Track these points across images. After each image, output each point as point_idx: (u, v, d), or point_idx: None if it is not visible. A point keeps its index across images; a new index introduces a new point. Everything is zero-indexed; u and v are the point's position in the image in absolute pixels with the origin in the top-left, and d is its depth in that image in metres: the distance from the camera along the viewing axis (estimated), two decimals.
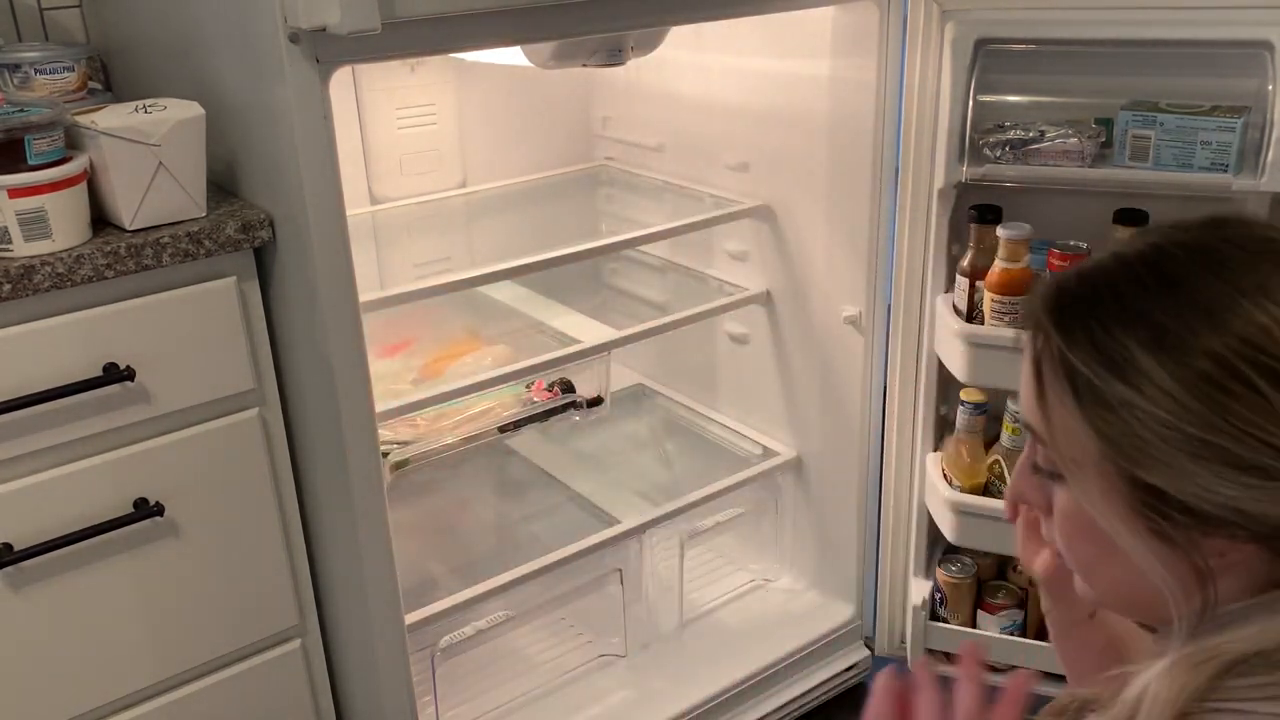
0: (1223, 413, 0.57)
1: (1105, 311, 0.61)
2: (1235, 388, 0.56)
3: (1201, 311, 0.58)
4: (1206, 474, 0.58)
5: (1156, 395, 0.58)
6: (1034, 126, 1.44)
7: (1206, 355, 0.57)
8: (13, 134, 1.01)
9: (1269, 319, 0.57)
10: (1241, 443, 0.57)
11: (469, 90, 1.79)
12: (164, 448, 1.13)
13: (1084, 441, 0.62)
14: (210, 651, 1.23)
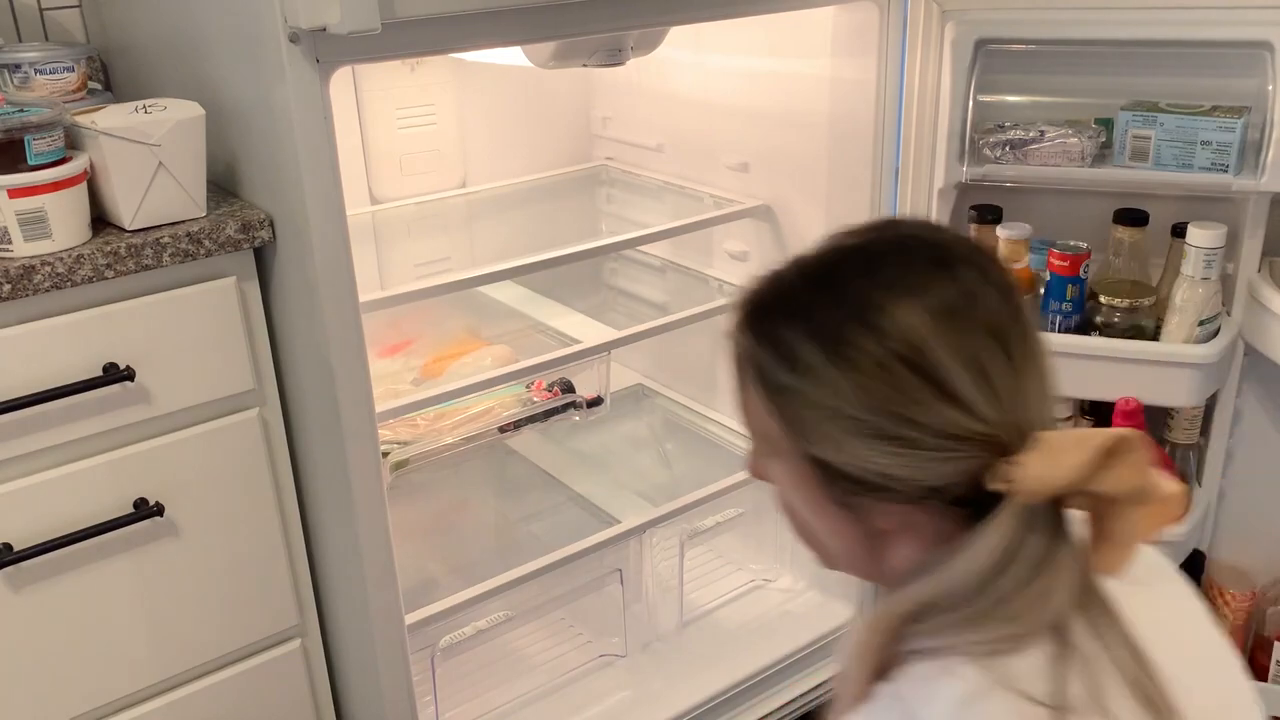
0: (869, 394, 0.66)
1: (779, 311, 0.72)
2: (879, 373, 0.66)
3: (851, 308, 0.67)
4: (861, 447, 0.67)
5: (817, 382, 0.68)
6: (1034, 126, 1.44)
7: (854, 346, 0.66)
8: (13, 134, 1.01)
9: (907, 312, 0.66)
10: (885, 418, 0.66)
11: (469, 90, 1.79)
12: (164, 448, 1.13)
13: (772, 425, 0.71)
14: (210, 651, 1.23)
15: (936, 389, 0.65)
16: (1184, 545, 1.50)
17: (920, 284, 0.67)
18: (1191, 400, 1.45)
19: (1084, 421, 1.59)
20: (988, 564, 0.65)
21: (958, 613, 0.66)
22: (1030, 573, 0.65)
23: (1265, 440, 1.53)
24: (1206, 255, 1.38)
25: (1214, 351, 1.39)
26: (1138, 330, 1.43)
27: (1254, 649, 1.59)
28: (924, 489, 0.68)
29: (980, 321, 0.67)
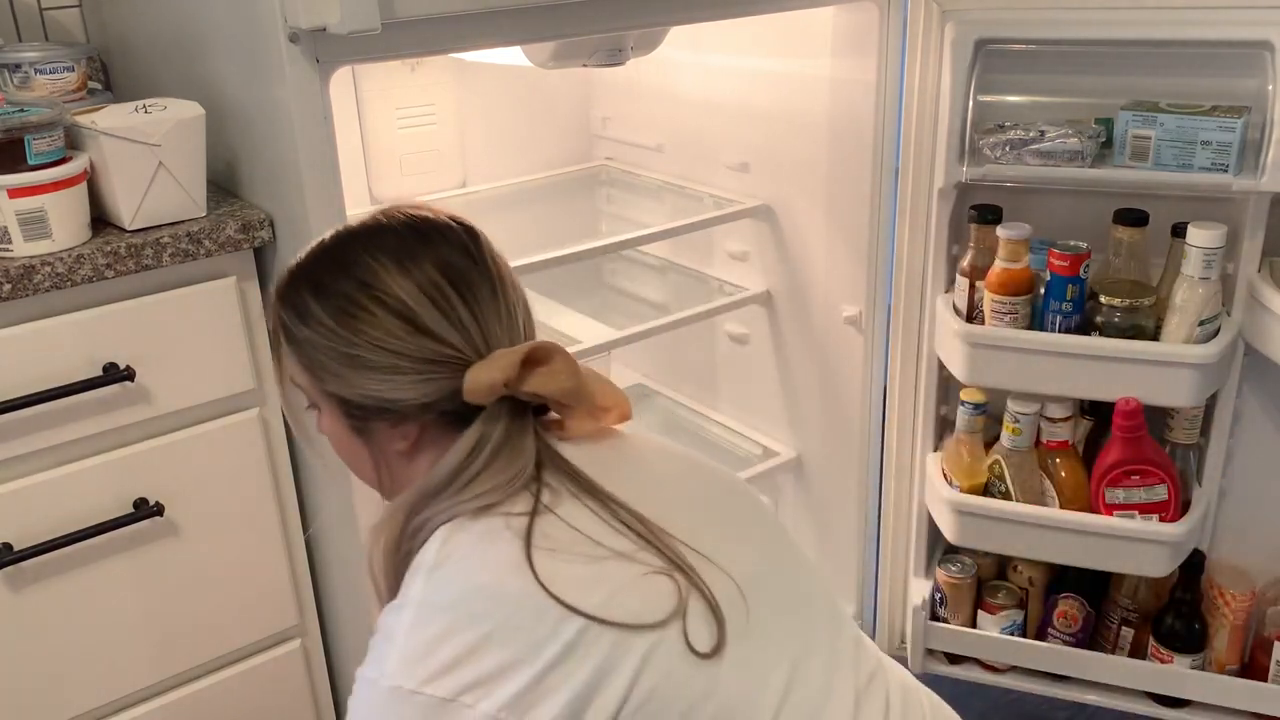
0: (359, 334, 0.81)
1: (298, 277, 0.86)
2: (362, 315, 0.81)
3: (340, 266, 0.84)
4: (361, 379, 0.82)
5: (319, 329, 0.83)
6: (1034, 126, 1.44)
7: (342, 295, 0.82)
8: (13, 134, 1.01)
9: (389, 274, 0.82)
10: (375, 353, 0.81)
11: (469, 90, 1.79)
12: (164, 448, 1.13)
13: (301, 375, 0.86)
14: (210, 651, 1.23)
15: (411, 326, 0.81)
16: (1184, 545, 1.50)
17: (402, 252, 0.84)
18: (1191, 400, 1.45)
19: (1084, 421, 1.59)
20: (459, 457, 0.81)
21: (442, 496, 0.81)
22: (493, 455, 0.81)
23: (1265, 440, 1.53)
24: (1206, 255, 1.38)
25: (1214, 351, 1.39)
26: (1138, 330, 1.43)
27: (1254, 649, 1.59)
28: (417, 407, 0.82)
29: (445, 274, 0.84)
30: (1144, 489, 1.47)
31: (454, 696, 0.72)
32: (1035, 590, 1.67)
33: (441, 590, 0.76)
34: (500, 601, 0.75)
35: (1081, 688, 1.64)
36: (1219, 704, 1.57)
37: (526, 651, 0.73)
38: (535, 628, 0.74)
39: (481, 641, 0.73)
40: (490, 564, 0.76)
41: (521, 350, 0.82)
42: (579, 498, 0.81)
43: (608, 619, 0.74)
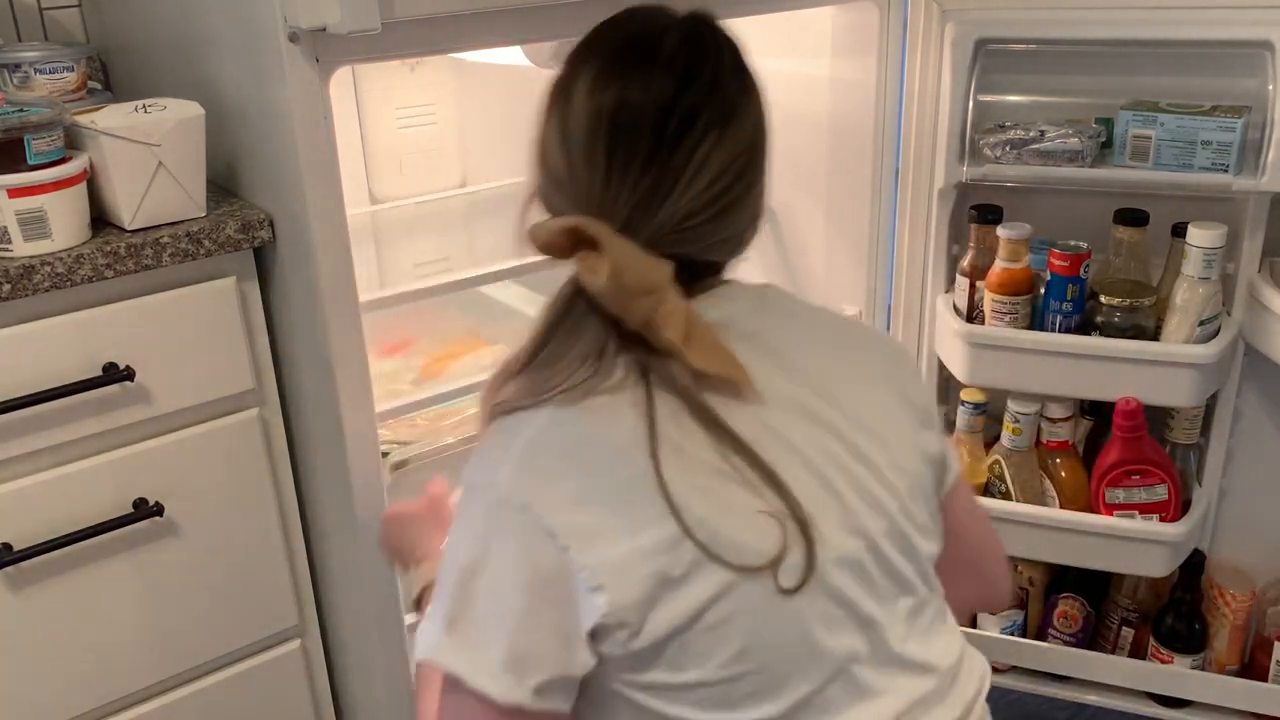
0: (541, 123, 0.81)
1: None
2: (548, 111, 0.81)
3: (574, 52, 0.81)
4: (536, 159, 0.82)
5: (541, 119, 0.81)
6: (1034, 126, 1.44)
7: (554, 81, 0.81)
8: (12, 134, 1.01)
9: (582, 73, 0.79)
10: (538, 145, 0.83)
11: (469, 90, 1.79)
12: (164, 448, 1.13)
13: None
14: (210, 651, 1.23)
15: (564, 145, 0.77)
16: (1184, 545, 1.50)
17: (606, 68, 0.77)
18: (1192, 400, 1.45)
19: (1084, 421, 1.59)
20: (540, 330, 0.79)
21: (524, 374, 0.78)
22: (554, 327, 0.78)
23: (1265, 440, 1.53)
24: (1206, 255, 1.38)
25: (1214, 351, 1.39)
26: (1138, 330, 1.43)
27: (1254, 649, 1.59)
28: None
29: (616, 116, 0.75)
30: (1144, 489, 1.47)
31: (555, 533, 0.71)
32: (1035, 590, 1.67)
33: (554, 435, 0.75)
34: (615, 467, 0.72)
35: (1081, 688, 1.64)
36: (1219, 704, 1.57)
37: (628, 527, 0.70)
38: (644, 509, 0.71)
39: (590, 494, 0.72)
40: (611, 428, 0.73)
41: (566, 223, 0.74)
42: (696, 421, 0.74)
43: (707, 544, 0.71)
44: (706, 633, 0.72)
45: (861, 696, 0.77)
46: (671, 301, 0.74)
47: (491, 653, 0.72)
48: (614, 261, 0.72)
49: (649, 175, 0.74)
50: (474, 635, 0.73)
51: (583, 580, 0.70)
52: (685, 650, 0.72)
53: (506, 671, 0.71)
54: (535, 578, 0.71)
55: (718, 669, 0.73)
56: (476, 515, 0.75)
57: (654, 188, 0.74)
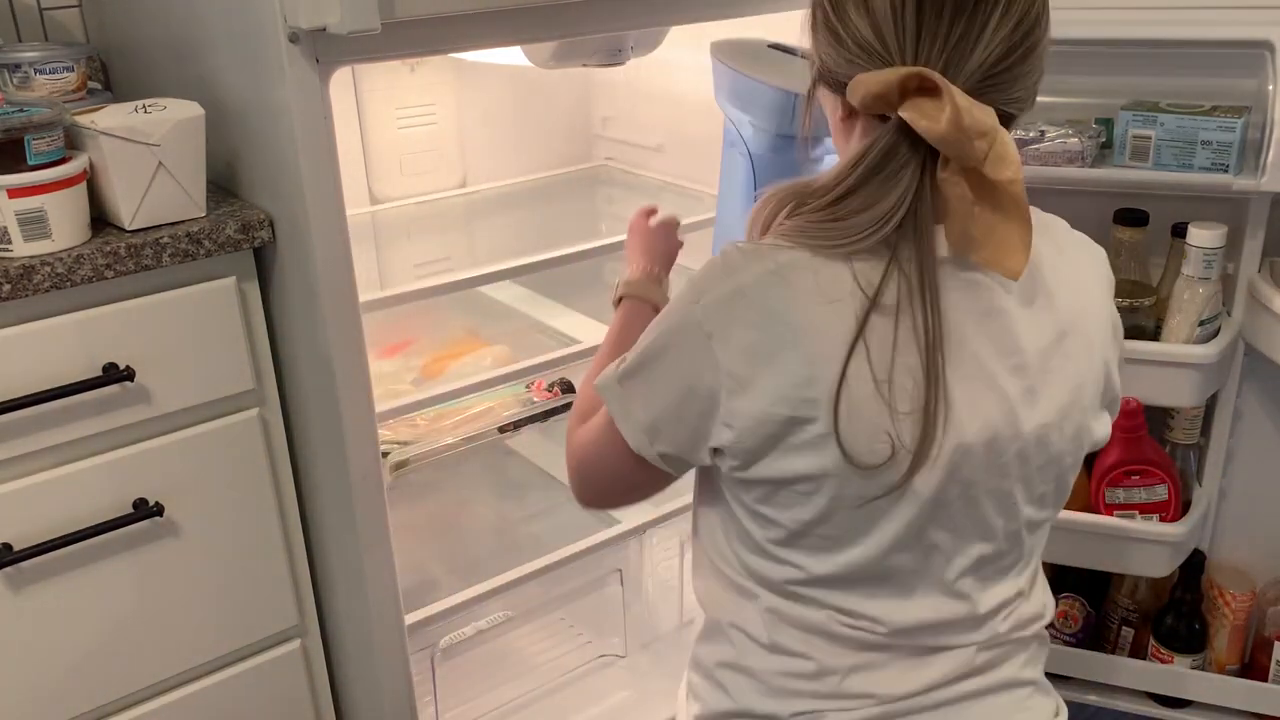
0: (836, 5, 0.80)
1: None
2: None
3: None
4: (825, 44, 0.82)
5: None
6: (1034, 126, 1.44)
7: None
8: (13, 134, 1.01)
9: None
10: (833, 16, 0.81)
11: (469, 90, 1.79)
12: (164, 448, 1.13)
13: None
14: (210, 651, 1.23)
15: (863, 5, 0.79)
16: (1184, 545, 1.50)
17: None
18: (1192, 400, 1.45)
19: None
20: (847, 162, 0.80)
21: (817, 201, 0.81)
22: (868, 172, 0.78)
23: (1265, 440, 1.53)
24: (1206, 255, 1.38)
25: (1214, 351, 1.39)
26: (1138, 330, 1.43)
27: (1254, 649, 1.59)
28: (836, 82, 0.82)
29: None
30: (1144, 489, 1.47)
31: (719, 366, 0.81)
32: None
33: (774, 291, 0.80)
34: (800, 351, 0.79)
35: (1081, 688, 1.64)
36: (1219, 704, 1.57)
37: (779, 395, 0.80)
38: (803, 392, 0.79)
39: (765, 357, 0.80)
40: (827, 317, 0.79)
41: (902, 71, 0.76)
42: (912, 309, 0.79)
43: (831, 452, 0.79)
44: (794, 494, 0.83)
45: (893, 595, 0.87)
46: (1003, 141, 0.77)
47: (641, 415, 0.87)
48: (955, 104, 0.74)
49: (960, 22, 0.77)
50: (635, 397, 0.87)
51: (721, 413, 0.82)
52: (773, 496, 0.84)
53: (644, 432, 0.87)
54: (691, 389, 0.83)
55: (791, 520, 0.84)
56: (677, 316, 0.84)
57: (964, 34, 0.77)
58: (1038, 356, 0.84)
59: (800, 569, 0.87)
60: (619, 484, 0.97)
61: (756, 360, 0.80)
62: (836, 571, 0.86)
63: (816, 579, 0.87)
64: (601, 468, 0.96)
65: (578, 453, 0.98)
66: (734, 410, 0.82)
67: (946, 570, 0.87)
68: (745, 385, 0.81)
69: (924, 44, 0.77)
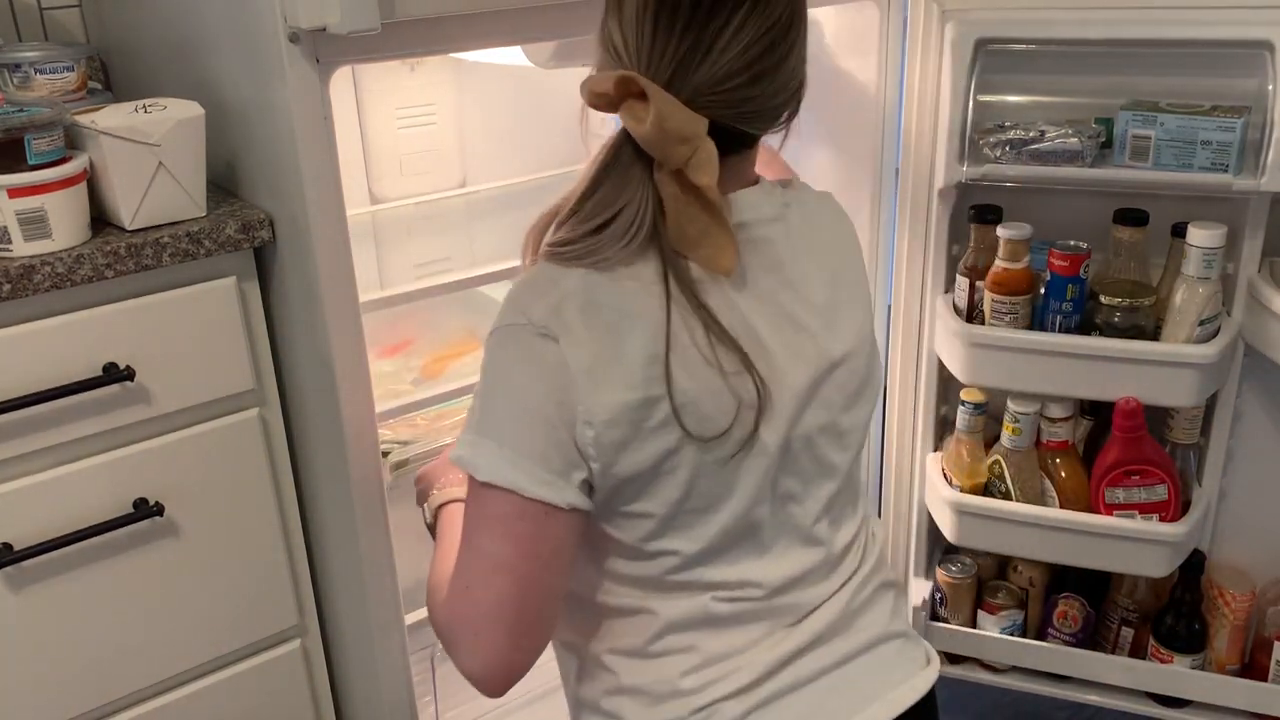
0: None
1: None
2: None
3: None
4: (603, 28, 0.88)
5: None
6: (1034, 126, 1.44)
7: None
8: (13, 134, 1.01)
9: None
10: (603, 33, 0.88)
11: (469, 90, 1.79)
12: (164, 448, 1.13)
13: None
14: (210, 651, 1.23)
15: (616, 6, 0.85)
16: (1184, 545, 1.50)
17: None
18: (1191, 400, 1.45)
19: (1084, 421, 1.59)
20: (589, 177, 0.88)
21: (573, 219, 0.87)
22: (604, 174, 0.87)
23: (1265, 440, 1.53)
24: (1206, 255, 1.38)
25: (1214, 351, 1.39)
26: (1138, 330, 1.43)
27: (1254, 649, 1.59)
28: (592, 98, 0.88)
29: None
30: (1144, 489, 1.47)
31: (568, 365, 0.83)
32: (1035, 590, 1.67)
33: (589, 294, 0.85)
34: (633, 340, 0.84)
35: (1081, 688, 1.64)
36: (1219, 704, 1.57)
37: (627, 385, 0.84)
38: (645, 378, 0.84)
39: (606, 349, 0.84)
40: (637, 309, 0.85)
41: (615, 74, 0.84)
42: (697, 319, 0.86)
43: (679, 414, 0.85)
44: (659, 476, 0.86)
45: (760, 554, 0.93)
46: (706, 149, 0.83)
47: (520, 447, 0.84)
48: (658, 109, 0.81)
49: (688, 37, 0.83)
50: (505, 437, 0.85)
51: (581, 412, 0.83)
52: (642, 489, 0.87)
53: (532, 461, 0.84)
54: (552, 401, 0.84)
55: (661, 504, 0.87)
56: (511, 341, 0.86)
57: (692, 49, 0.83)
58: (824, 291, 0.94)
59: (675, 553, 0.90)
60: (530, 581, 0.87)
61: (603, 351, 0.84)
62: (708, 543, 0.90)
63: (691, 558, 0.90)
64: (498, 572, 0.86)
65: (458, 593, 0.89)
66: (591, 408, 0.83)
67: (803, 518, 0.94)
68: (597, 380, 0.83)
69: (655, 54, 0.84)
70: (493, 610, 0.87)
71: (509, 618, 0.88)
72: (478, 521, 0.88)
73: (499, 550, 0.86)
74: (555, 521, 0.86)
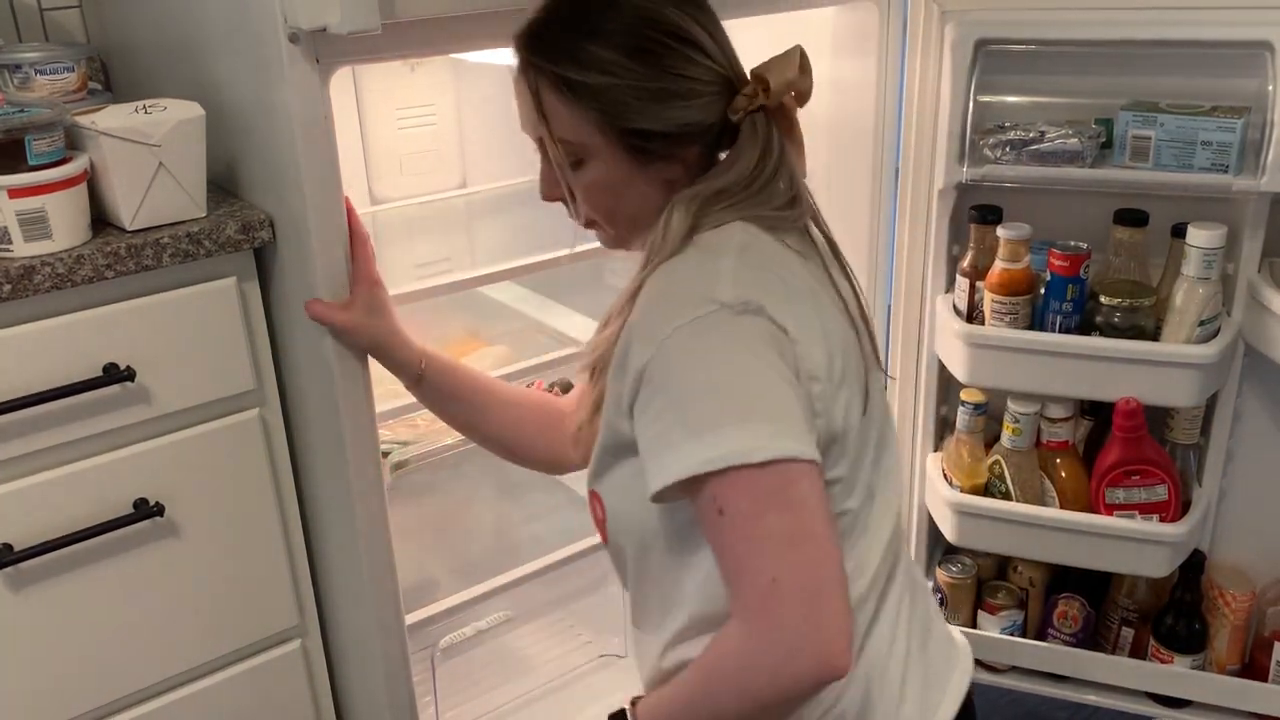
0: (661, 67, 0.90)
1: (566, 31, 0.92)
2: (658, 49, 0.90)
3: (611, 10, 0.90)
4: (665, 108, 0.91)
5: (617, 70, 0.90)
6: (1034, 127, 1.44)
7: (630, 34, 0.90)
8: (13, 134, 1.01)
9: (650, 5, 0.91)
10: (677, 80, 0.91)
11: (469, 90, 1.79)
12: (164, 448, 1.13)
13: (585, 124, 0.92)
14: (210, 652, 1.23)
15: (699, 50, 0.92)
16: (1184, 545, 1.50)
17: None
18: (1192, 400, 1.45)
19: (1084, 421, 1.59)
20: (755, 156, 0.93)
21: (743, 193, 0.93)
22: (781, 157, 0.95)
23: (1265, 440, 1.53)
24: (1206, 255, 1.38)
25: (1214, 352, 1.39)
26: (1138, 330, 1.43)
27: (1254, 649, 1.59)
28: (703, 127, 0.94)
29: (691, 6, 0.93)
30: (1144, 489, 1.47)
31: (786, 328, 0.85)
32: (1035, 590, 1.67)
33: (756, 249, 0.90)
34: (804, 281, 0.91)
35: (1081, 688, 1.64)
36: (1219, 704, 1.57)
37: (823, 329, 0.89)
38: (830, 315, 0.91)
39: (793, 296, 0.88)
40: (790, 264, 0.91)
41: (796, 51, 0.94)
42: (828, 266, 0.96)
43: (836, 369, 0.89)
44: (862, 428, 0.91)
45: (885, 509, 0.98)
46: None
47: (785, 421, 0.82)
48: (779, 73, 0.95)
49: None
50: (768, 416, 0.81)
51: (804, 370, 0.86)
52: (842, 445, 0.90)
53: (801, 423, 0.83)
54: (785, 360, 0.84)
55: (857, 447, 0.92)
56: (709, 333, 0.83)
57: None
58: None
59: (848, 511, 0.92)
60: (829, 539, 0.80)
61: (796, 308, 0.87)
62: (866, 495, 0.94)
63: (856, 511, 0.93)
64: (800, 544, 0.79)
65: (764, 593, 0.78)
66: (811, 366, 0.86)
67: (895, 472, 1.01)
68: (805, 335, 0.86)
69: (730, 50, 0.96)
70: (813, 581, 0.78)
71: (834, 577, 0.79)
72: (756, 510, 0.79)
73: (792, 523, 0.79)
74: (820, 477, 0.82)
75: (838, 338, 0.91)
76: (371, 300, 1.10)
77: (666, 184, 0.96)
